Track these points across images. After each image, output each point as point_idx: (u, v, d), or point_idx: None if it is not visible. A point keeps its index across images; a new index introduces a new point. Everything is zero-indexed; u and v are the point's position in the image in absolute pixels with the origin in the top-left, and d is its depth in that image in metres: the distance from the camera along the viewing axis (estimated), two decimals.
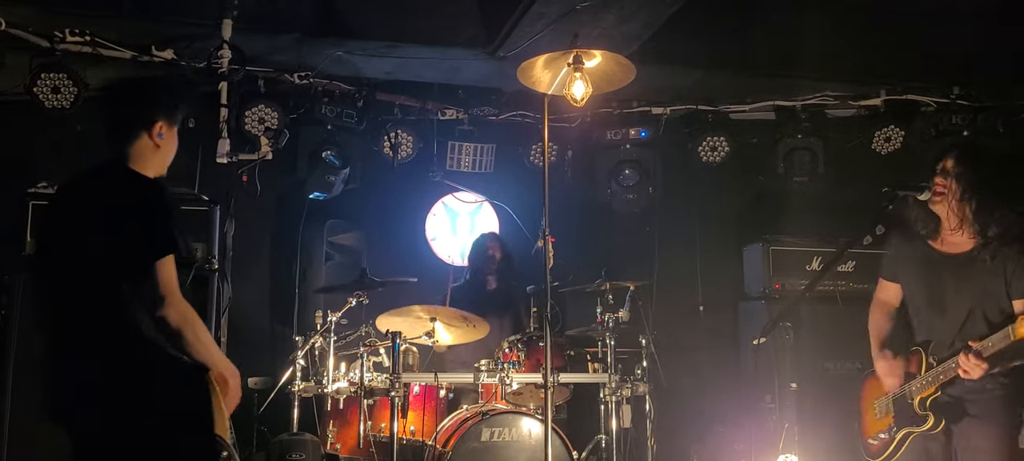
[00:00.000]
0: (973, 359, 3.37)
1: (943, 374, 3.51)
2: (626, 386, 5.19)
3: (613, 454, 5.15)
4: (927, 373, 3.59)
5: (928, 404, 3.58)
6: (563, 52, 3.74)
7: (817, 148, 6.45)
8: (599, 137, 6.59)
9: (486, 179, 6.72)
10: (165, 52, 5.45)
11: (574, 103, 3.81)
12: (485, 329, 5.38)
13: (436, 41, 5.60)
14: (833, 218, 6.30)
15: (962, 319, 3.56)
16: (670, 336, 6.24)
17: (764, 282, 6.13)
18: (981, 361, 3.36)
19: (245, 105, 5.63)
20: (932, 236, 3.71)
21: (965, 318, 3.55)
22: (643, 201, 6.60)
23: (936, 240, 3.70)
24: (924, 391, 3.60)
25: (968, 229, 3.59)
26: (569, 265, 5.40)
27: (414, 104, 6.36)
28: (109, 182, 3.15)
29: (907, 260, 3.80)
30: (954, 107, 6.27)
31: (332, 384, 5.09)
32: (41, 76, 5.20)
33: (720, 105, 6.51)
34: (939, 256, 3.67)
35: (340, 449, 5.28)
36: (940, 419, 3.55)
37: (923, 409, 3.59)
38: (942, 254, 3.67)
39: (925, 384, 3.59)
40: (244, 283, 5.78)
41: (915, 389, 3.63)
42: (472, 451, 4.78)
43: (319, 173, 5.98)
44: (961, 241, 3.63)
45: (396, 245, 6.79)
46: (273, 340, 6.28)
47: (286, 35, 5.48)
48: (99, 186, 3.15)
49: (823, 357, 5.75)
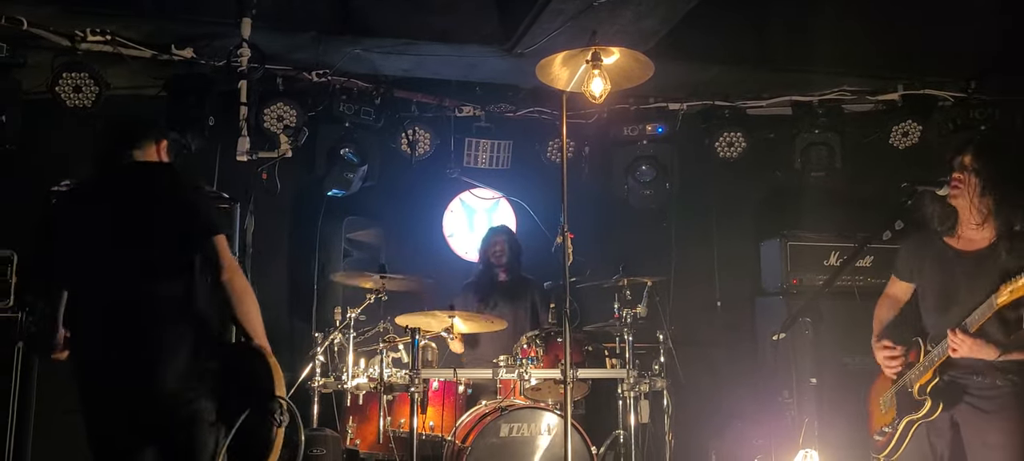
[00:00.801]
0: (959, 334, 3.42)
1: (938, 357, 3.54)
2: (644, 382, 5.21)
3: (631, 449, 5.17)
4: (924, 359, 3.63)
5: (927, 390, 3.60)
6: (581, 49, 3.75)
7: (834, 143, 6.43)
8: (616, 133, 6.59)
9: (503, 176, 6.73)
10: (185, 51, 5.50)
11: (593, 100, 3.82)
12: (502, 323, 5.41)
13: (453, 38, 5.61)
14: (850, 213, 6.29)
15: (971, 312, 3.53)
16: (687, 331, 6.23)
17: (781, 277, 6.12)
18: (966, 336, 3.41)
19: (264, 103, 5.67)
20: (949, 233, 3.70)
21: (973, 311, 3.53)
22: (660, 197, 6.60)
23: (953, 237, 3.69)
24: (922, 378, 3.63)
25: (990, 223, 3.58)
26: (587, 261, 5.41)
27: (432, 101, 6.38)
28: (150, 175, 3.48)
29: (923, 259, 3.80)
30: (972, 101, 6.25)
31: (352, 380, 5.12)
32: (63, 75, 5.26)
33: (737, 100, 6.50)
34: (954, 253, 3.67)
35: (360, 444, 5.31)
36: (937, 403, 3.57)
37: (921, 395, 3.61)
38: (957, 251, 3.67)
39: (922, 370, 3.63)
40: (264, 280, 5.78)
41: (914, 377, 3.67)
42: (491, 446, 4.81)
43: (338, 170, 6.02)
44: (979, 237, 3.62)
45: (414, 241, 6.81)
46: (292, 336, 6.31)
47: (304, 33, 5.51)
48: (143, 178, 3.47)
49: (842, 352, 5.73)
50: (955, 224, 3.68)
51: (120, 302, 3.24)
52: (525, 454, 4.84)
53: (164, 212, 3.35)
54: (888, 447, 3.81)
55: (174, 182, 3.47)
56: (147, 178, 3.48)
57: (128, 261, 3.27)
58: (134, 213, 3.35)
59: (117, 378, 3.19)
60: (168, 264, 3.27)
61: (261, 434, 3.19)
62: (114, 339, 3.22)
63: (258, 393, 3.23)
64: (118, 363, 3.19)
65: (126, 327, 3.21)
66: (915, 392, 3.65)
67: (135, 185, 3.45)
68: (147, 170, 3.51)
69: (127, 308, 3.23)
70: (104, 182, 3.53)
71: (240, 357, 3.32)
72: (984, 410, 3.52)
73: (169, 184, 3.46)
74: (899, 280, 3.95)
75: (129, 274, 3.26)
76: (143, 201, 3.38)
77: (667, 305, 5.71)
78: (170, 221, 3.32)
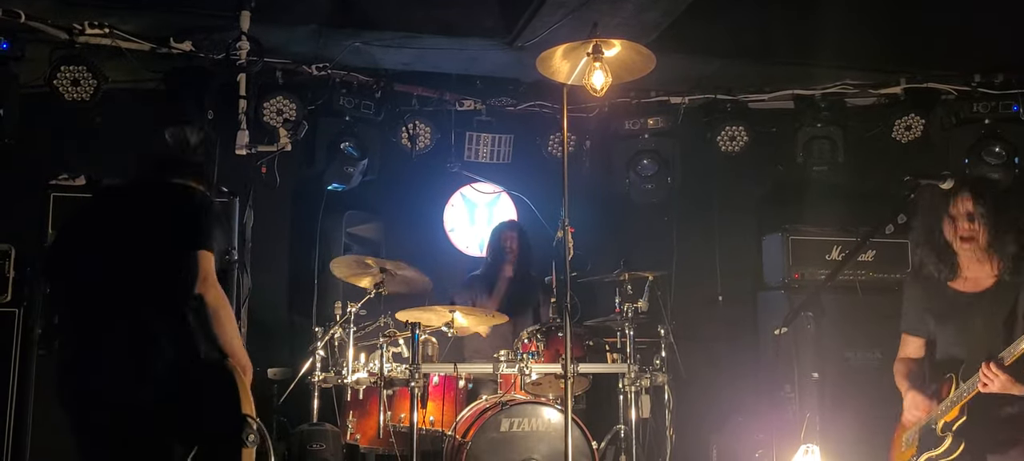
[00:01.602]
0: (993, 367, 3.29)
1: (967, 392, 3.41)
2: (645, 376, 5.18)
3: (632, 444, 5.15)
4: (953, 394, 3.50)
5: (951, 428, 3.47)
6: (582, 42, 3.71)
7: (837, 137, 6.40)
8: (617, 127, 6.56)
9: (504, 170, 6.70)
10: (183, 44, 5.47)
11: (594, 93, 3.79)
12: (503, 319, 5.39)
13: (454, 32, 5.59)
14: (853, 207, 6.27)
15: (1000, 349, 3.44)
16: (689, 326, 6.22)
17: (783, 272, 6.10)
18: (1000, 370, 3.28)
19: (263, 97, 5.64)
20: (951, 277, 3.66)
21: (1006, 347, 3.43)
22: (661, 191, 6.57)
23: (955, 280, 3.66)
24: (948, 415, 3.50)
25: (990, 256, 3.56)
26: (587, 255, 5.39)
27: (432, 95, 6.36)
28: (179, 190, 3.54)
29: (930, 308, 3.73)
30: (975, 95, 6.21)
31: (352, 375, 5.10)
32: (61, 69, 5.23)
33: (739, 94, 6.47)
34: (966, 299, 3.62)
35: (360, 439, 5.29)
36: (958, 442, 3.43)
37: (944, 432, 3.49)
38: (965, 294, 3.62)
39: (949, 406, 3.50)
40: (263, 274, 5.79)
41: (939, 413, 3.54)
42: (492, 441, 4.79)
43: (338, 164, 6.00)
44: (983, 274, 3.60)
45: (414, 236, 6.79)
46: (292, 331, 6.30)
47: (304, 26, 5.48)
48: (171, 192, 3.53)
49: (844, 346, 5.72)
50: (955, 267, 3.64)
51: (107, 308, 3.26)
52: (526, 449, 4.82)
53: (169, 220, 3.39)
54: None
55: (191, 197, 3.50)
56: (169, 192, 3.53)
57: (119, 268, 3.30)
58: (143, 221, 3.41)
59: (94, 384, 3.19)
60: (161, 273, 3.29)
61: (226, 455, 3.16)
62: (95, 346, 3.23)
63: (226, 412, 3.20)
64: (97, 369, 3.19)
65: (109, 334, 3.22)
66: (938, 429, 3.52)
67: (155, 197, 3.51)
68: (173, 187, 3.55)
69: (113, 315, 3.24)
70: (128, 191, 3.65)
71: (211, 373, 3.29)
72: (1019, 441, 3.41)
73: (186, 198, 3.49)
74: (911, 336, 3.84)
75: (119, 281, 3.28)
76: (151, 211, 3.44)
77: (668, 300, 5.69)
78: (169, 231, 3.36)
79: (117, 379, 3.15)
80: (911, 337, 3.84)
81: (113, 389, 3.16)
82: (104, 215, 3.54)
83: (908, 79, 6.31)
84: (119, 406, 3.15)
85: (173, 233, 3.35)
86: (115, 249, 3.34)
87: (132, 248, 3.33)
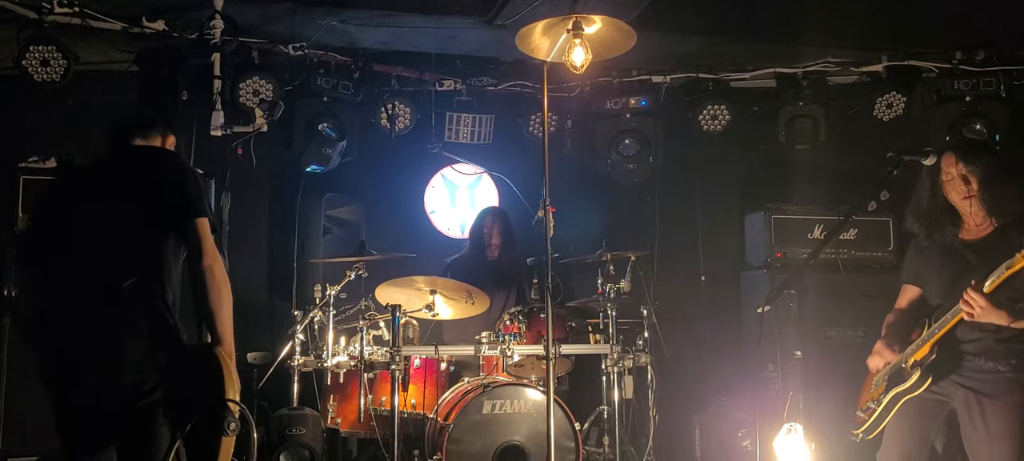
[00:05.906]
0: (975, 293, 3.33)
1: (939, 328, 3.49)
2: (628, 357, 5.17)
3: (615, 425, 5.13)
4: (925, 333, 3.58)
5: (922, 364, 3.55)
6: (562, 18, 3.67)
7: (818, 115, 6.39)
8: (599, 106, 6.52)
9: (485, 150, 6.65)
10: (156, 23, 5.37)
11: (574, 70, 3.74)
12: (485, 303, 5.34)
13: (432, 9, 5.50)
14: (835, 186, 6.26)
15: None
16: (671, 306, 6.21)
17: (766, 251, 6.08)
18: (980, 296, 3.33)
19: (239, 77, 5.54)
20: (954, 232, 3.69)
21: None
22: (643, 171, 6.54)
23: (961, 230, 3.69)
24: (918, 353, 3.59)
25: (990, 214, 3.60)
26: (569, 236, 5.36)
27: (411, 75, 6.28)
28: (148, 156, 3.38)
29: (930, 255, 3.76)
30: (957, 72, 6.22)
31: (332, 358, 5.07)
32: (29, 49, 5.12)
33: (721, 73, 6.44)
34: (963, 243, 3.66)
35: (341, 423, 5.26)
36: (926, 376, 3.52)
37: (913, 369, 3.57)
38: (965, 240, 3.66)
39: (920, 344, 3.59)
40: (241, 257, 5.71)
41: (910, 352, 3.62)
42: (474, 423, 4.77)
43: (316, 146, 5.91)
44: (984, 225, 3.64)
45: (395, 218, 6.75)
46: (272, 314, 6.24)
47: (279, 4, 5.38)
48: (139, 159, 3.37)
49: (826, 324, 5.72)
50: (960, 221, 3.68)
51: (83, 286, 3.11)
52: (508, 431, 4.80)
53: (147, 192, 3.21)
54: (868, 422, 3.77)
55: (164, 162, 3.34)
56: (137, 160, 3.37)
57: (97, 246, 3.15)
58: (114, 196, 3.23)
59: (73, 365, 3.08)
60: (140, 249, 3.14)
61: (207, 440, 3.07)
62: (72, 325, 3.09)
63: (209, 397, 3.07)
64: (76, 349, 3.07)
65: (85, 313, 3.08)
66: (908, 366, 3.61)
67: (123, 167, 3.35)
68: (140, 153, 3.40)
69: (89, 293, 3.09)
70: (96, 166, 3.45)
71: (195, 357, 3.14)
72: (986, 394, 3.47)
73: (159, 164, 3.32)
74: (909, 285, 3.89)
75: (96, 258, 3.13)
76: (127, 183, 3.26)
77: (651, 280, 5.69)
78: (151, 201, 3.18)
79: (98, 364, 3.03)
80: (909, 286, 3.90)
81: (94, 373, 3.04)
82: (76, 195, 3.35)
83: (890, 57, 6.30)
84: (101, 390, 3.04)
85: (157, 207, 3.15)
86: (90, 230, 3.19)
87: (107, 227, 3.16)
